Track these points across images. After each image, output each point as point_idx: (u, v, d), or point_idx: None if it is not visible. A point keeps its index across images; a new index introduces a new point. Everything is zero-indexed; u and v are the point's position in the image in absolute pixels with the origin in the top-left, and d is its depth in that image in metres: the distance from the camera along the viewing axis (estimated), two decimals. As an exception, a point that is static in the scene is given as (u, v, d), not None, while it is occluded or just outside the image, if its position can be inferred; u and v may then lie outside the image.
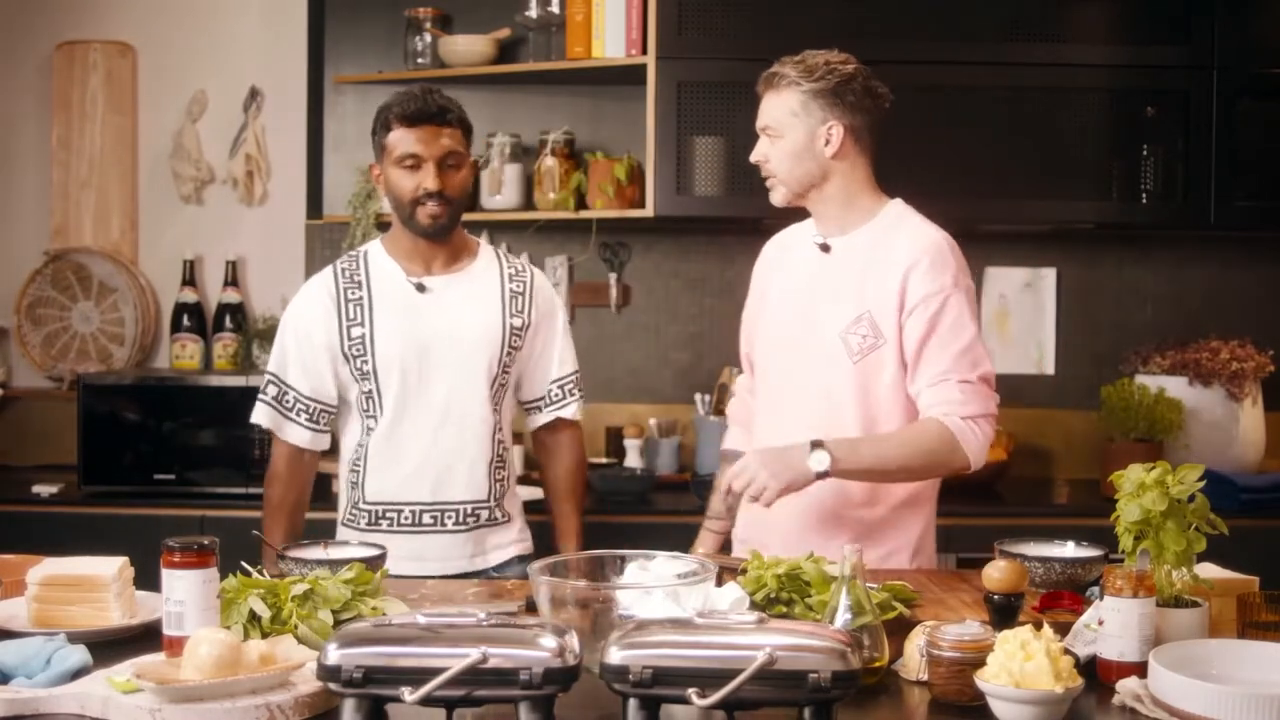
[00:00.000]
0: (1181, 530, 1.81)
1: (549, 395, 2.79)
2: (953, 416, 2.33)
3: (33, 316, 4.08)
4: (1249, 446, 3.66)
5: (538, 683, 1.47)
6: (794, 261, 2.57)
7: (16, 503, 3.54)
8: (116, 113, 4.10)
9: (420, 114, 2.56)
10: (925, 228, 2.46)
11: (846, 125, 2.42)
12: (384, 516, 2.64)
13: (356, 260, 2.69)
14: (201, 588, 1.78)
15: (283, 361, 2.67)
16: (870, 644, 1.71)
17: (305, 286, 2.72)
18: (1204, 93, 3.61)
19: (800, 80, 2.40)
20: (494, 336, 2.65)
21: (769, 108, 2.45)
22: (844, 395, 2.41)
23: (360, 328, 2.62)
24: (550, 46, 3.81)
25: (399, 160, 2.58)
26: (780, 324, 2.53)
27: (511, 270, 2.73)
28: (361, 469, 2.65)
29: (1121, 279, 4.05)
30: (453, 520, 2.64)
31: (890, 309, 2.38)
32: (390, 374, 2.60)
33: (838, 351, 2.41)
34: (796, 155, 2.43)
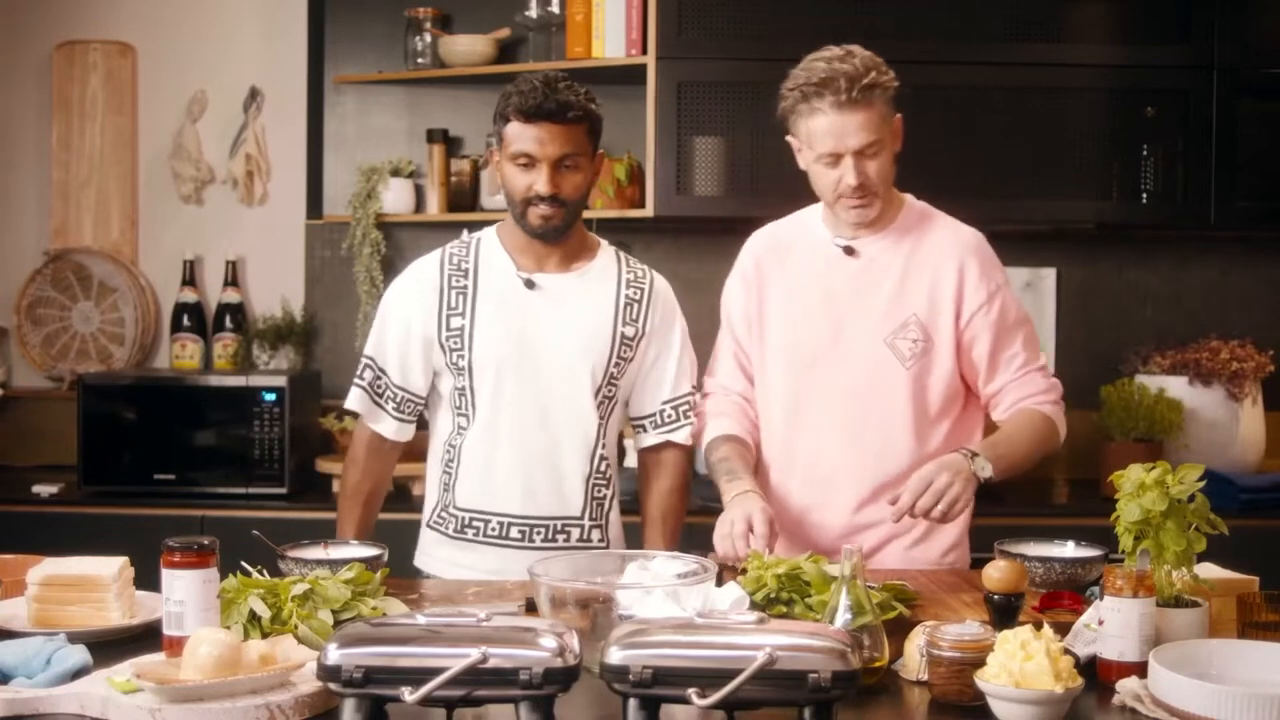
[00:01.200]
0: (1181, 530, 1.81)
1: (660, 415, 2.56)
2: (1044, 406, 2.41)
3: (33, 316, 4.08)
4: (1249, 446, 3.66)
5: (538, 683, 1.47)
6: (801, 262, 2.46)
7: (16, 503, 3.54)
8: (116, 113, 4.10)
9: (538, 110, 2.38)
10: (958, 225, 2.46)
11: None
12: (470, 525, 2.47)
13: (468, 246, 2.53)
14: (201, 588, 1.78)
15: (380, 345, 2.53)
16: (870, 644, 1.71)
17: (411, 268, 2.56)
18: (1204, 93, 3.61)
19: (889, 85, 2.31)
20: (602, 343, 2.47)
21: (868, 123, 2.29)
22: (898, 401, 2.37)
23: (460, 318, 2.46)
24: (550, 46, 3.81)
25: (513, 157, 2.41)
26: (798, 330, 2.43)
27: (631, 275, 2.55)
28: (454, 470, 2.49)
29: (1121, 279, 4.05)
30: (541, 536, 2.45)
31: (944, 312, 2.37)
32: (486, 371, 2.45)
33: (885, 358, 2.37)
34: (891, 163, 2.36)
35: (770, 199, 3.64)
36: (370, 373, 2.53)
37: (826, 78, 2.28)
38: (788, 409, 2.46)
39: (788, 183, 2.51)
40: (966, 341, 2.39)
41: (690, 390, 2.58)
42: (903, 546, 2.41)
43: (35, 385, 4.10)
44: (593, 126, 2.46)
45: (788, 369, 2.45)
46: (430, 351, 2.50)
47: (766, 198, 3.65)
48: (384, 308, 2.56)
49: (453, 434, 2.51)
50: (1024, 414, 2.41)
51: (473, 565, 2.44)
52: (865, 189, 2.33)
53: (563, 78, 2.45)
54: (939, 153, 3.62)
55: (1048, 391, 2.43)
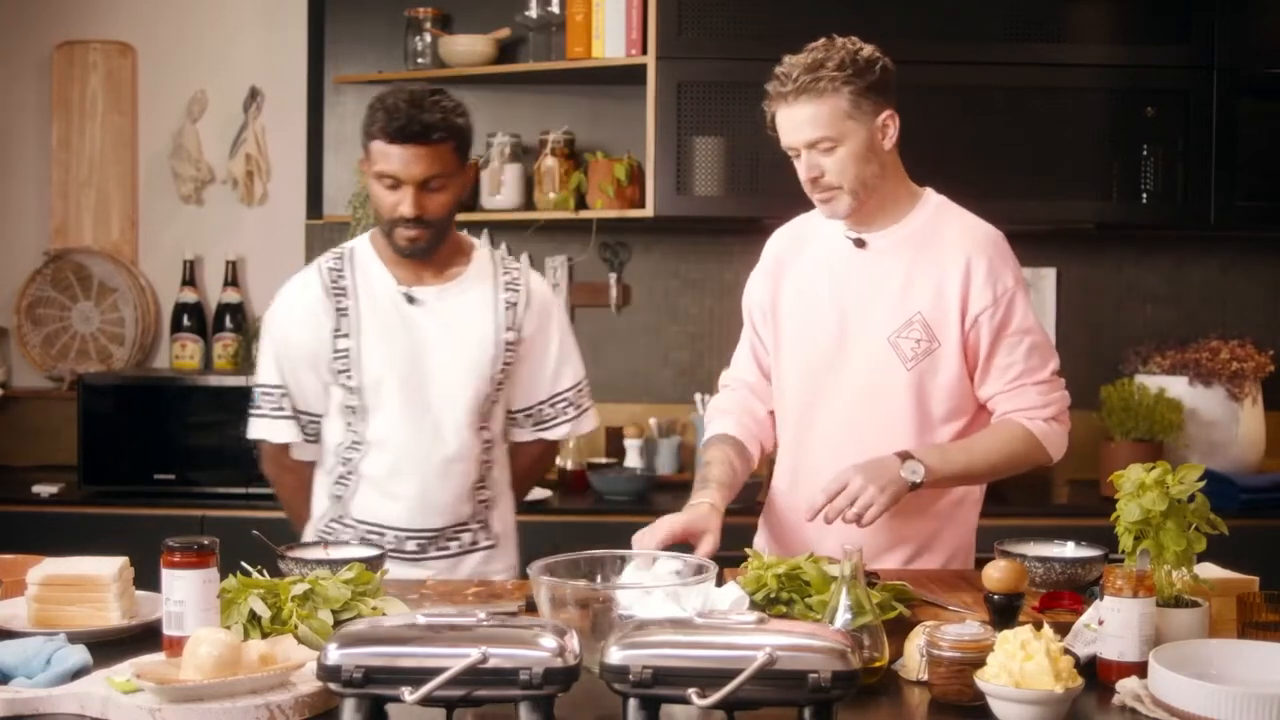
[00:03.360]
0: (1181, 530, 1.81)
1: (538, 412, 2.61)
2: (1036, 421, 2.32)
3: (33, 316, 4.08)
4: (1249, 446, 3.66)
5: (538, 683, 1.47)
6: (815, 256, 2.41)
7: (16, 503, 3.54)
8: (116, 113, 4.10)
9: (402, 132, 2.34)
10: (974, 222, 2.38)
11: (895, 110, 2.29)
12: (366, 538, 2.46)
13: (343, 261, 2.52)
14: (201, 588, 1.78)
15: (280, 372, 2.52)
16: (870, 644, 1.71)
17: (290, 289, 2.55)
18: (1204, 93, 3.61)
19: (850, 79, 2.23)
20: (487, 353, 2.49)
21: (815, 117, 2.24)
22: (898, 401, 2.31)
23: (346, 339, 2.46)
24: (550, 46, 3.81)
25: (378, 176, 2.39)
26: (808, 325, 2.38)
27: (508, 277, 2.55)
28: (350, 484, 2.51)
29: (1121, 279, 4.05)
30: (435, 546, 2.50)
31: (949, 313, 2.29)
32: (377, 390, 2.46)
33: (886, 356, 2.30)
34: (862, 159, 2.25)
35: (770, 199, 3.65)
36: (272, 401, 2.52)
37: (783, 71, 2.28)
38: (800, 407, 2.41)
39: (788, 183, 2.50)
40: (971, 344, 2.31)
41: (570, 386, 2.61)
42: (902, 558, 2.38)
43: (35, 385, 4.10)
44: (460, 143, 2.41)
45: (802, 367, 2.39)
46: (320, 371, 2.49)
47: (766, 198, 3.65)
48: (270, 334, 2.55)
49: (344, 446, 2.51)
50: (1002, 425, 2.33)
51: None
52: (822, 184, 2.28)
53: (430, 93, 2.41)
54: (939, 152, 3.61)
55: (1043, 407, 2.33)
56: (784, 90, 2.26)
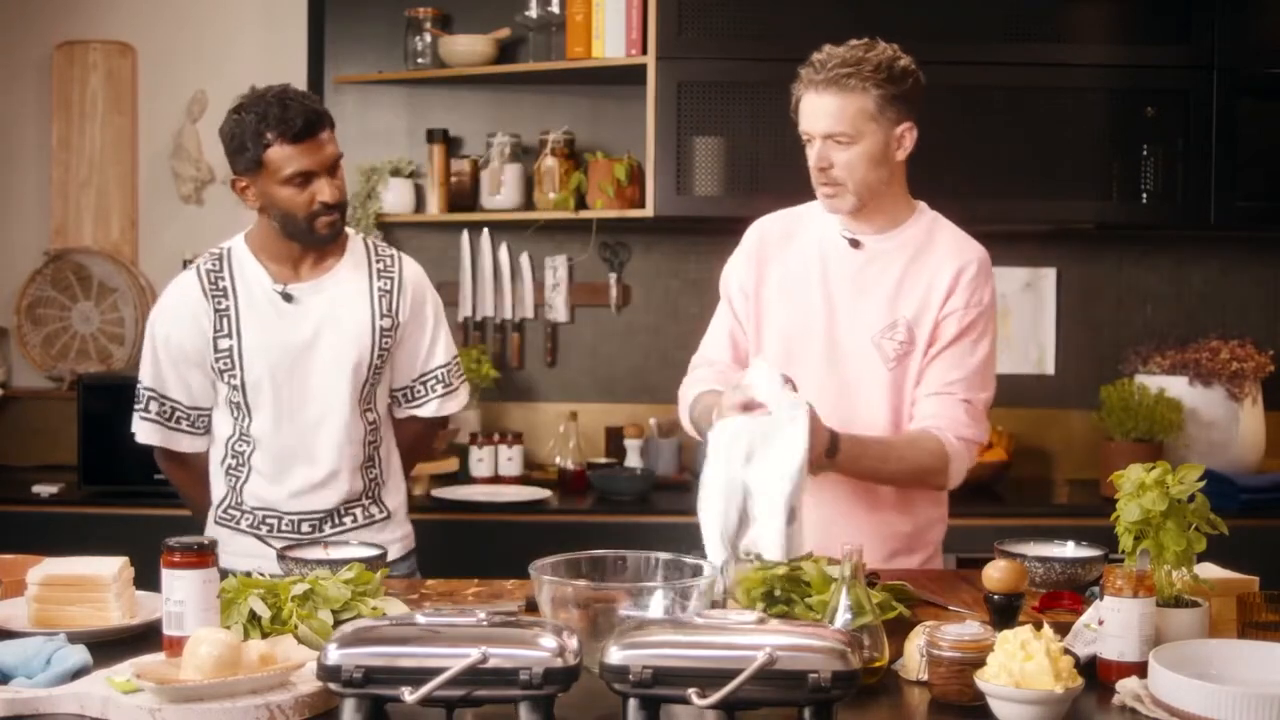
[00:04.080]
0: (1181, 530, 1.81)
1: (410, 390, 2.68)
2: (948, 435, 2.30)
3: (33, 316, 4.08)
4: (1249, 446, 3.66)
5: (538, 683, 1.47)
6: (804, 248, 2.43)
7: (16, 503, 3.54)
8: (116, 113, 4.10)
9: (306, 128, 2.44)
10: (966, 237, 2.42)
11: (915, 124, 2.33)
12: (264, 522, 2.56)
13: (220, 262, 2.57)
14: (201, 588, 1.78)
15: (158, 374, 2.57)
16: (870, 644, 1.71)
17: (171, 292, 2.60)
18: (1204, 93, 3.61)
19: (881, 84, 2.27)
20: (364, 342, 2.56)
21: (839, 110, 2.27)
22: (877, 397, 2.35)
23: (228, 339, 2.52)
24: (550, 46, 3.81)
25: (288, 179, 2.45)
26: (795, 315, 2.41)
27: (380, 265, 2.62)
28: (242, 473, 2.57)
29: (1121, 279, 4.05)
30: (330, 525, 2.57)
31: (928, 316, 2.34)
32: (260, 388, 2.52)
33: (869, 355, 2.35)
34: (874, 162, 2.29)
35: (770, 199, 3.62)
36: (156, 404, 2.59)
37: (820, 58, 2.30)
38: None
39: (787, 183, 2.51)
40: (931, 340, 2.34)
41: (440, 364, 2.68)
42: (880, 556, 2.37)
43: (35, 385, 4.10)
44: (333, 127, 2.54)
45: (784, 355, 2.38)
46: (205, 370, 2.56)
47: (766, 198, 3.62)
48: (153, 336, 2.59)
49: (233, 439, 2.58)
50: (923, 434, 2.31)
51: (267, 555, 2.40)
52: (828, 176, 2.31)
53: (293, 91, 2.53)
54: (939, 152, 3.61)
55: (965, 426, 2.31)
56: (816, 77, 2.29)
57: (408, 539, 2.71)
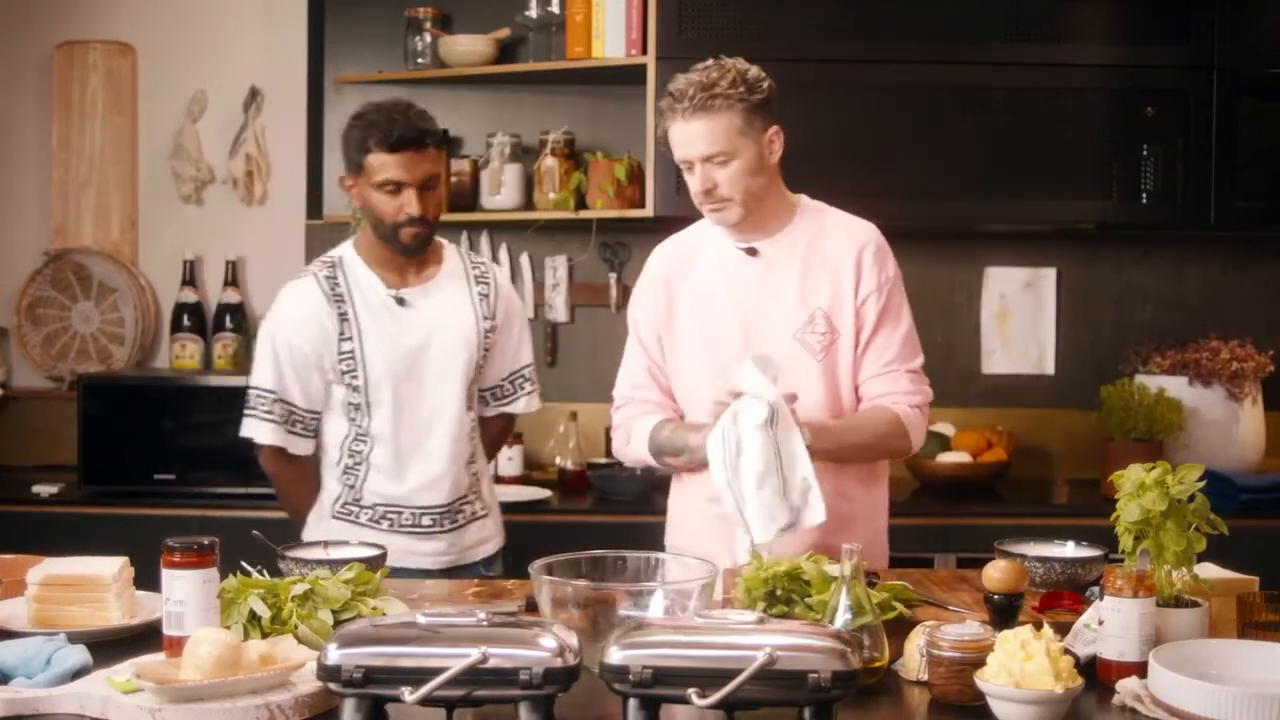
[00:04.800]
0: (1181, 530, 1.81)
1: (499, 389, 2.86)
2: (901, 405, 2.41)
3: (33, 316, 4.08)
4: (1249, 446, 3.66)
5: (538, 683, 1.47)
6: (706, 269, 2.49)
7: (16, 503, 3.54)
8: (116, 113, 4.10)
9: (402, 140, 2.58)
10: (853, 219, 2.48)
11: (780, 129, 2.40)
12: (385, 516, 2.71)
13: (335, 268, 2.72)
14: (201, 588, 1.78)
15: (279, 378, 2.68)
16: (870, 644, 1.71)
17: (289, 296, 2.72)
18: (1204, 93, 3.61)
19: (743, 97, 2.33)
20: (472, 342, 2.73)
21: (710, 132, 2.33)
22: (812, 393, 2.38)
23: (350, 342, 2.67)
24: (550, 46, 3.81)
25: (380, 185, 2.61)
26: (710, 335, 2.45)
27: (476, 272, 2.80)
28: (360, 472, 2.71)
29: (1121, 279, 4.05)
30: (448, 520, 2.73)
31: (844, 303, 2.41)
32: (380, 388, 2.66)
33: (794, 352, 2.39)
34: (752, 172, 2.37)
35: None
36: (279, 406, 2.69)
37: (678, 89, 2.35)
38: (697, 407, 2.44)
39: (788, 182, 2.51)
40: (857, 328, 2.42)
41: (527, 364, 2.88)
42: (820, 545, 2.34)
43: (35, 385, 4.10)
44: (445, 146, 2.74)
45: (704, 375, 2.42)
46: (325, 373, 2.69)
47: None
48: (273, 340, 2.70)
49: (349, 439, 2.72)
50: (874, 409, 2.42)
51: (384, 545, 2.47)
52: (713, 195, 2.37)
53: (409, 105, 2.67)
54: (939, 153, 3.62)
55: (911, 394, 2.43)
56: (680, 106, 2.34)
57: (500, 538, 2.86)
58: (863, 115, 3.62)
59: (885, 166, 3.62)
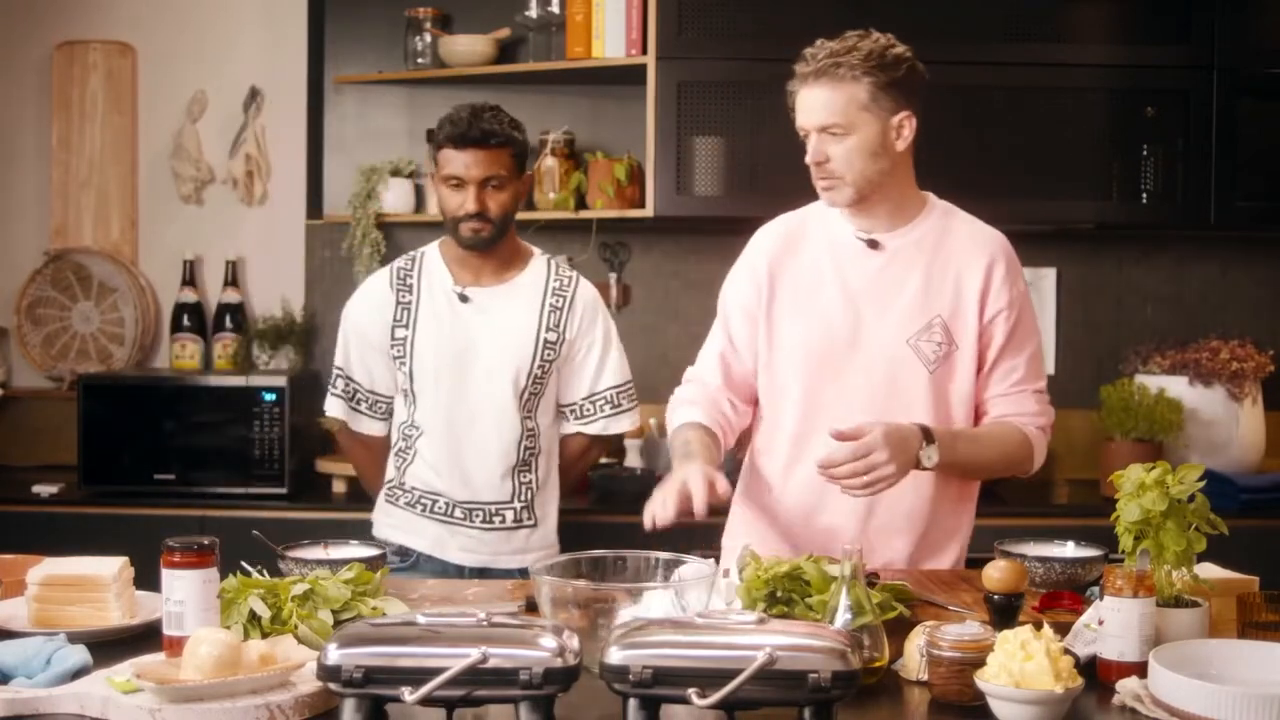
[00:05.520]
0: (1181, 530, 1.81)
1: (580, 408, 2.89)
2: (1029, 426, 2.35)
3: (33, 316, 4.08)
4: (1249, 446, 3.66)
5: (538, 683, 1.47)
6: (815, 254, 2.36)
7: (16, 503, 3.54)
8: (116, 113, 4.10)
9: (463, 138, 2.67)
10: (983, 226, 2.39)
11: (916, 115, 2.28)
12: (420, 501, 2.80)
13: (414, 261, 2.83)
14: (201, 588, 1.78)
15: (346, 356, 2.85)
16: (870, 644, 1.71)
17: (366, 283, 2.89)
18: (1204, 93, 3.61)
19: (872, 71, 2.23)
20: (526, 350, 2.77)
21: (830, 102, 2.23)
22: (918, 404, 2.29)
23: (404, 329, 2.77)
24: (550, 46, 3.81)
25: (445, 179, 2.72)
26: (815, 324, 2.33)
27: (557, 284, 2.84)
28: (407, 455, 2.80)
29: (1121, 279, 4.05)
30: (480, 519, 2.77)
31: (968, 314, 2.30)
32: (425, 377, 2.76)
33: (907, 358, 2.29)
34: (870, 153, 2.24)
35: (770, 199, 3.62)
36: (342, 382, 2.87)
37: (810, 51, 2.28)
38: (803, 407, 2.35)
39: (788, 182, 2.50)
40: (983, 345, 2.32)
41: (610, 386, 2.89)
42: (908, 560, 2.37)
43: (35, 385, 4.10)
44: (516, 151, 2.74)
45: (804, 367, 2.34)
46: (386, 357, 2.81)
47: (766, 198, 3.63)
48: (344, 322, 2.89)
49: (405, 424, 2.83)
50: (1003, 427, 2.34)
51: (419, 532, 2.81)
52: (824, 170, 2.26)
53: (490, 108, 2.74)
54: (939, 153, 3.61)
55: (1038, 415, 2.37)
56: (806, 70, 2.26)
57: (551, 552, 2.84)
58: (863, 115, 3.62)
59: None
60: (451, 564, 2.78)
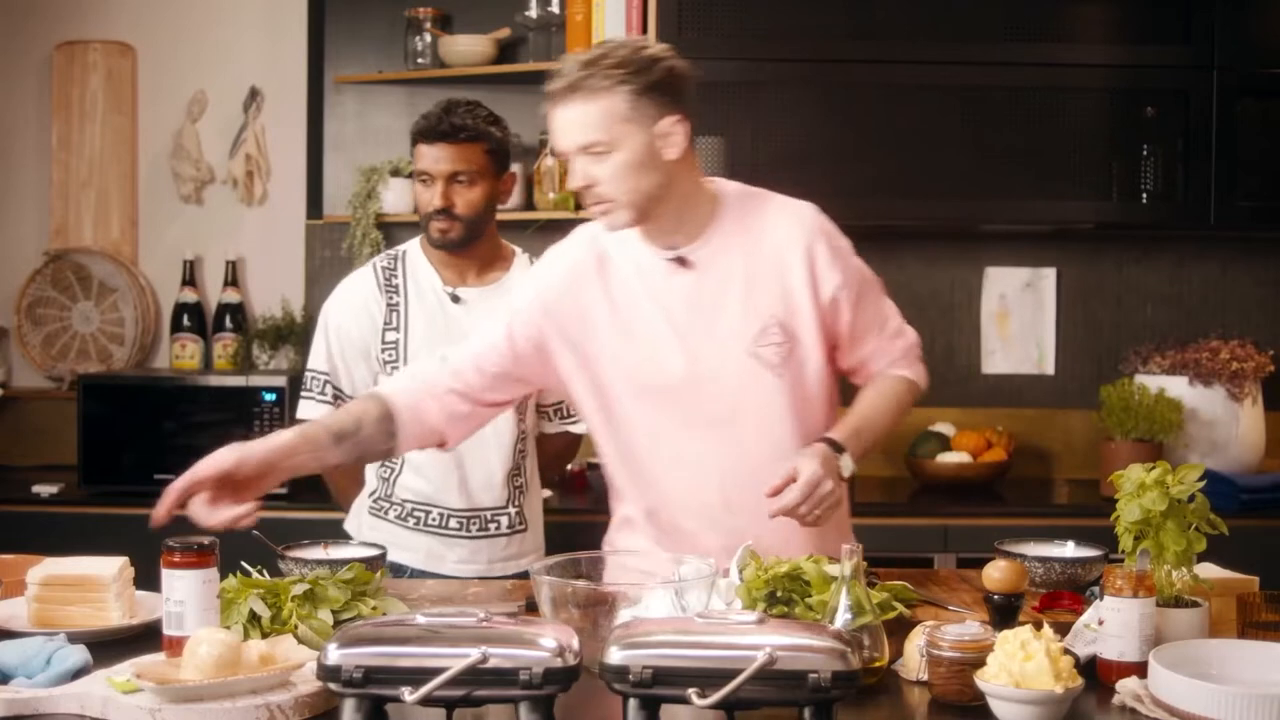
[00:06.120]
0: (1181, 530, 1.81)
1: (565, 408, 2.83)
2: (903, 368, 2.28)
3: (33, 316, 4.08)
4: (1249, 446, 3.66)
5: (538, 683, 1.47)
6: (623, 279, 2.18)
7: (16, 503, 3.53)
8: (116, 113, 4.10)
9: (431, 132, 2.61)
10: (789, 204, 2.21)
11: (685, 118, 2.08)
12: (412, 514, 2.70)
13: (395, 261, 2.74)
14: (201, 588, 1.78)
15: (328, 358, 2.74)
16: (870, 644, 1.71)
17: (346, 283, 2.78)
18: (1204, 93, 3.60)
19: (627, 78, 2.02)
20: None
21: (587, 118, 2.02)
22: (775, 408, 2.16)
23: (395, 333, 2.68)
24: (550, 46, 3.81)
25: (417, 175, 2.66)
26: (639, 354, 2.16)
27: None
28: (395, 465, 2.70)
29: (1121, 279, 4.05)
30: (476, 526, 2.70)
31: (802, 305, 2.15)
32: None
33: (751, 369, 2.14)
34: (640, 167, 2.04)
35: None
36: (323, 385, 2.75)
37: (558, 67, 2.07)
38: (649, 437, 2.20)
39: (788, 183, 2.50)
40: (830, 324, 2.18)
41: None
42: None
43: (35, 385, 4.10)
44: (491, 147, 2.65)
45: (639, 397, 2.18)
46: (369, 361, 2.71)
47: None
48: (325, 324, 2.76)
49: None
50: (887, 383, 2.26)
51: (411, 547, 2.69)
52: (594, 195, 2.06)
53: (466, 103, 2.66)
54: (939, 153, 3.62)
55: (907, 350, 2.28)
56: (556, 88, 2.04)
57: (539, 554, 2.76)
58: (863, 115, 3.62)
59: (885, 166, 3.62)
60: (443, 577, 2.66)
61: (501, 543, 2.73)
